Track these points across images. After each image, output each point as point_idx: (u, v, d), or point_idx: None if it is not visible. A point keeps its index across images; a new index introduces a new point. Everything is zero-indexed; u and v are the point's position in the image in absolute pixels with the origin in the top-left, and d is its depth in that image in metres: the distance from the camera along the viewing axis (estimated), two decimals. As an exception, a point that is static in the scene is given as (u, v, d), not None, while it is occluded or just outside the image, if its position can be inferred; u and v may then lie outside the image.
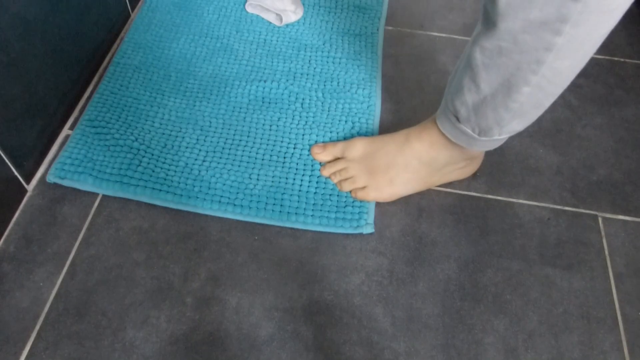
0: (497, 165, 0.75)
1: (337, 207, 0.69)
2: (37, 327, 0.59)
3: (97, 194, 0.70)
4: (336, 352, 0.59)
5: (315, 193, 0.70)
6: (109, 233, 0.67)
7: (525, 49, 0.48)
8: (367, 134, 0.76)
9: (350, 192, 0.70)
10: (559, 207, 0.72)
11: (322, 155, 0.73)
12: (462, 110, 0.59)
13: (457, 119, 0.61)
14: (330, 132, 0.77)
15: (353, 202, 0.69)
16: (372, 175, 0.69)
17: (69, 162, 0.71)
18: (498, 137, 0.60)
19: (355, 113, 0.79)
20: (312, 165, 0.73)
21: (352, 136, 0.76)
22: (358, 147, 0.71)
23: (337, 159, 0.72)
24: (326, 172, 0.72)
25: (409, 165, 0.68)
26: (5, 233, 0.66)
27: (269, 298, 0.62)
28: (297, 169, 0.72)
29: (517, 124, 0.58)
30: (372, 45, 0.89)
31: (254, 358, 0.58)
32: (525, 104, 0.54)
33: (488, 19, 0.50)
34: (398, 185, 0.69)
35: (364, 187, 0.69)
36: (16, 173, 0.67)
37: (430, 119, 0.67)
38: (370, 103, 0.80)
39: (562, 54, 0.48)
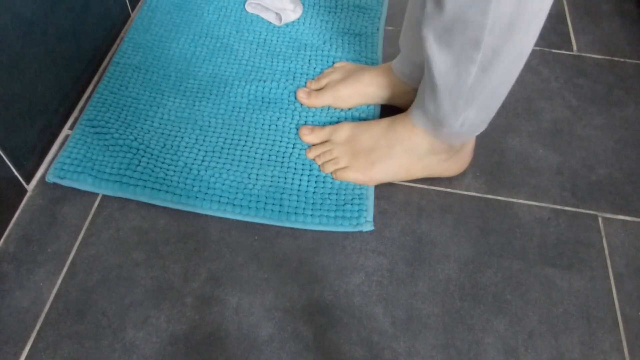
0: (497, 165, 0.75)
1: (336, 205, 0.69)
2: (37, 327, 0.59)
3: (97, 194, 0.70)
4: (336, 352, 0.59)
5: (314, 192, 0.70)
6: (109, 233, 0.66)
7: (465, 25, 0.52)
8: (367, 133, 0.76)
9: (332, 173, 0.72)
10: (559, 207, 0.72)
11: (310, 137, 0.75)
12: (426, 98, 0.63)
13: (423, 106, 0.64)
14: (330, 132, 0.77)
15: (352, 200, 0.69)
16: (354, 157, 0.71)
17: (69, 162, 0.71)
18: (459, 130, 0.63)
19: (355, 111, 0.79)
20: (310, 165, 0.73)
21: None
22: (344, 131, 0.73)
23: (323, 142, 0.74)
24: (312, 154, 0.73)
25: (391, 150, 0.69)
26: (5, 233, 0.66)
27: (269, 298, 0.62)
28: (295, 169, 0.72)
29: (474, 115, 0.61)
30: (372, 45, 0.89)
31: (254, 358, 0.58)
32: (475, 88, 0.57)
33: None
34: (379, 169, 0.70)
35: (344, 168, 0.71)
36: (16, 173, 0.67)
37: None
38: (369, 103, 0.80)
39: (495, 32, 0.51)
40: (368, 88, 0.78)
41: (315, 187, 0.71)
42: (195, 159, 0.73)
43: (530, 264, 0.66)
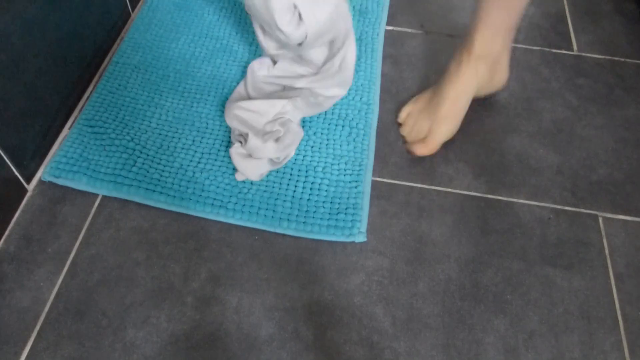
0: (497, 165, 0.75)
1: (329, 214, 0.68)
2: (38, 327, 0.59)
3: (98, 194, 0.70)
4: (336, 352, 0.59)
5: (308, 200, 0.69)
6: (109, 233, 0.67)
7: None
8: (363, 141, 0.75)
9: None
10: (559, 207, 0.71)
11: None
12: None
13: None
14: (327, 138, 0.76)
15: (346, 209, 0.68)
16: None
17: (64, 161, 0.71)
18: None
19: (352, 119, 0.78)
20: (306, 171, 0.72)
21: (348, 143, 0.75)
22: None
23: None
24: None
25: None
26: (6, 233, 0.66)
27: (269, 298, 0.62)
28: (291, 174, 0.72)
29: None
30: (372, 50, 0.89)
31: (254, 358, 0.58)
32: None
33: None
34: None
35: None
36: (16, 173, 0.67)
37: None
38: (368, 110, 0.79)
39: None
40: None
41: (310, 195, 0.70)
42: (191, 161, 0.72)
43: (530, 264, 0.66)
